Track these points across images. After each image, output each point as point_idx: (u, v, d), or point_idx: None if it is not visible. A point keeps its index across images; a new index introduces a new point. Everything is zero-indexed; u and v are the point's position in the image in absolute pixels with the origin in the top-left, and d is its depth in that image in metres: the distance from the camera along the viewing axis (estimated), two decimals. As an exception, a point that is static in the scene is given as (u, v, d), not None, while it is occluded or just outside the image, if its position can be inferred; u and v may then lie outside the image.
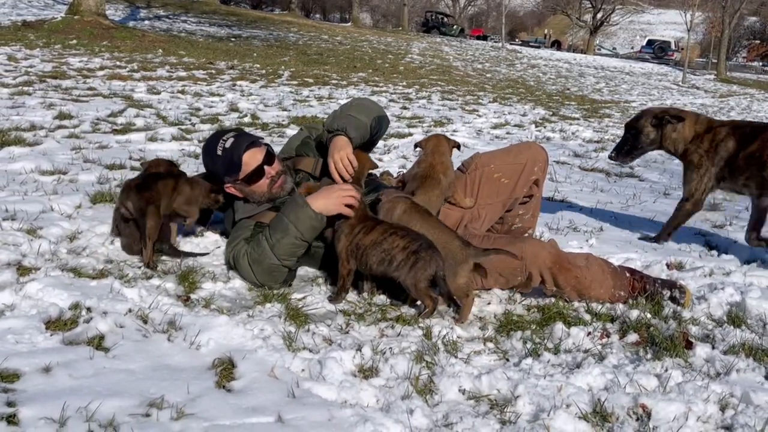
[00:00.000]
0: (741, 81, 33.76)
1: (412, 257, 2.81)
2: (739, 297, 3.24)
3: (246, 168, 3.18)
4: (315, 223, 2.97)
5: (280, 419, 2.03)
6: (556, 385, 2.33)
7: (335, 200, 2.97)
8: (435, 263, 2.80)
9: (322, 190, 3.02)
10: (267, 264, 2.99)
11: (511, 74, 22.10)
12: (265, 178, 3.22)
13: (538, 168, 3.45)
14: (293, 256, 3.02)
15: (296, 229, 2.96)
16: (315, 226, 2.98)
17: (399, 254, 2.83)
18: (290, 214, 2.98)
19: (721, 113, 16.89)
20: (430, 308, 2.86)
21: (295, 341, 2.53)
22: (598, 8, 56.76)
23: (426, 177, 3.27)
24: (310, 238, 3.02)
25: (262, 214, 3.26)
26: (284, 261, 3.00)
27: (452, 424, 2.09)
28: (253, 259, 3.01)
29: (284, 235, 2.96)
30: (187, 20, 25.85)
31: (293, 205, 2.99)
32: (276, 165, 3.27)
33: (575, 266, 3.11)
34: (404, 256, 2.82)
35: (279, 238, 2.97)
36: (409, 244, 2.83)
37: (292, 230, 2.96)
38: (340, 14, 68.82)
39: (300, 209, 2.96)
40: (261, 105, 9.06)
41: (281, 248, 2.97)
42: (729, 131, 4.16)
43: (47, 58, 11.51)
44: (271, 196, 3.26)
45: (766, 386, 2.46)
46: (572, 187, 5.96)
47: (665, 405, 2.22)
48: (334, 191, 2.99)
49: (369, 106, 3.47)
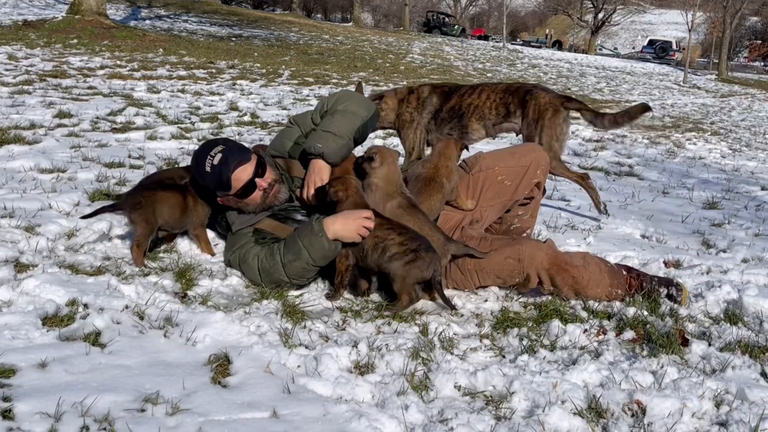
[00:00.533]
0: (742, 81, 33.73)
1: (411, 254, 2.83)
2: (736, 295, 3.25)
3: (236, 184, 3.10)
4: (328, 252, 2.93)
5: (275, 414, 2.04)
6: (552, 382, 2.33)
7: (353, 227, 2.91)
8: (434, 266, 2.83)
9: (342, 215, 2.95)
10: (276, 277, 2.99)
11: (512, 74, 22.09)
12: (257, 190, 3.15)
13: (540, 171, 3.45)
14: (303, 278, 3.02)
15: (309, 255, 2.93)
16: (327, 256, 2.95)
17: (394, 247, 2.85)
18: (304, 238, 2.93)
19: (722, 113, 16.89)
20: (403, 305, 2.87)
21: (292, 338, 2.54)
22: (600, 8, 56.73)
23: (429, 180, 3.27)
24: (322, 265, 2.99)
25: (259, 222, 3.24)
26: (293, 280, 3.01)
27: (447, 420, 2.10)
28: (263, 268, 3.01)
29: (296, 258, 2.94)
30: (188, 20, 25.87)
31: (308, 231, 2.94)
32: (268, 174, 3.18)
33: (573, 266, 3.11)
34: (401, 250, 2.84)
35: (291, 260, 2.94)
36: (407, 242, 2.85)
37: (305, 255, 2.93)
38: (342, 14, 68.85)
39: (315, 237, 2.91)
40: (261, 104, 9.07)
41: (292, 270, 2.96)
42: (431, 89, 4.77)
43: (48, 58, 11.52)
44: (266, 206, 3.21)
45: (761, 383, 2.46)
46: (571, 185, 5.94)
47: (660, 401, 2.22)
48: (354, 218, 2.92)
49: (354, 111, 3.29)
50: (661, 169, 7.36)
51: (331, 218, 2.94)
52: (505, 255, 3.10)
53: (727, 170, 7.90)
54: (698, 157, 8.60)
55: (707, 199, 5.87)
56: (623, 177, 6.76)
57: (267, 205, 3.22)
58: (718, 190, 6.43)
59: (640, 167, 7.30)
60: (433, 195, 3.25)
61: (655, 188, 6.30)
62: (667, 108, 16.31)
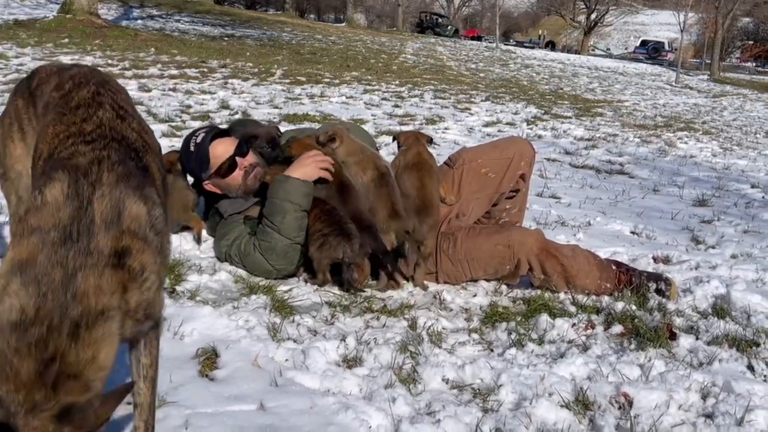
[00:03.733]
0: (734, 81, 33.87)
1: (321, 239, 3.00)
2: (724, 290, 3.26)
3: (216, 161, 3.20)
4: (305, 188, 3.05)
5: (262, 407, 2.04)
6: (539, 375, 2.34)
7: (310, 166, 3.08)
8: (342, 249, 2.98)
9: (294, 163, 3.12)
10: (281, 247, 3.03)
11: (504, 74, 22.11)
12: (238, 169, 3.22)
13: (524, 163, 3.45)
14: (301, 230, 3.06)
15: (291, 203, 3.01)
16: (306, 192, 3.06)
17: (314, 234, 3.05)
18: (279, 193, 3.03)
19: (714, 113, 16.95)
20: (319, 281, 3.08)
21: (280, 332, 2.54)
22: (592, 9, 56.94)
23: (419, 165, 3.26)
24: (308, 205, 3.07)
25: (250, 209, 3.26)
26: (295, 238, 3.05)
27: (435, 412, 2.10)
28: (264, 248, 3.04)
29: (284, 214, 3.01)
30: (181, 20, 25.78)
31: (278, 185, 3.06)
32: (250, 157, 3.27)
33: (562, 255, 3.13)
34: (315, 236, 3.02)
35: (281, 219, 3.01)
36: (323, 228, 3.02)
37: (289, 206, 3.01)
38: (335, 15, 68.83)
39: (286, 184, 3.03)
40: (252, 102, 9.05)
41: (287, 227, 3.01)
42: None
43: (38, 56, 11.46)
44: (247, 188, 3.25)
45: (748, 375, 2.48)
46: (562, 183, 5.97)
47: (647, 393, 2.23)
48: (306, 159, 3.11)
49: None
50: (652, 168, 7.38)
51: (289, 170, 3.10)
52: (495, 242, 3.10)
53: (717, 168, 7.93)
54: (689, 156, 8.63)
55: (697, 197, 5.89)
56: (614, 175, 6.77)
57: (248, 188, 3.25)
58: (709, 188, 6.46)
59: (631, 165, 7.32)
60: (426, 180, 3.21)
61: (645, 186, 6.32)
62: (659, 108, 16.36)
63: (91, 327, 1.36)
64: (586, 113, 12.54)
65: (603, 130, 10.11)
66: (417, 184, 3.15)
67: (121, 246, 1.45)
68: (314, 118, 8.02)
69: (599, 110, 13.50)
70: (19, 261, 1.40)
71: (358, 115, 8.64)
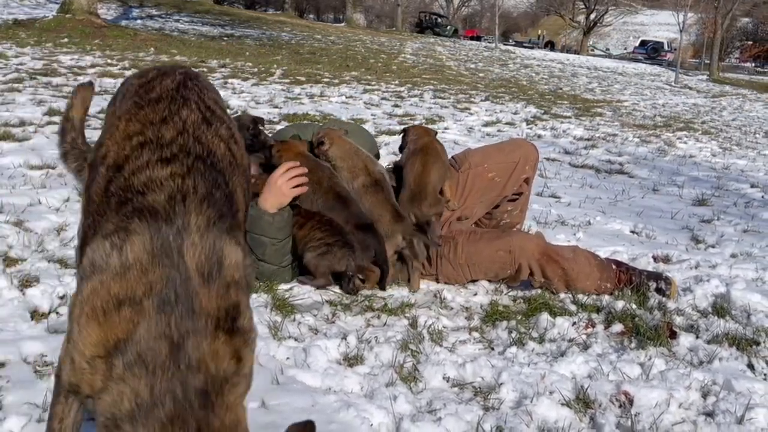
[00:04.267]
0: (733, 81, 33.90)
1: (324, 247, 2.97)
2: (724, 288, 3.27)
3: None
4: (279, 222, 2.95)
5: (263, 405, 2.04)
6: (540, 373, 2.35)
7: (284, 187, 2.92)
8: (346, 261, 2.97)
9: (265, 187, 2.95)
10: (269, 271, 3.02)
11: (503, 74, 22.11)
12: None
13: (529, 167, 3.44)
14: (285, 255, 3.04)
15: (268, 237, 2.96)
16: (281, 225, 2.96)
17: (312, 242, 3.00)
18: (255, 228, 2.93)
19: (714, 113, 16.97)
20: (321, 284, 3.04)
21: (281, 330, 2.54)
22: (592, 9, 56.95)
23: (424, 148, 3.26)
24: (287, 234, 3.01)
25: None
26: (281, 264, 3.03)
27: (435, 410, 2.11)
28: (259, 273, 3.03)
29: (264, 248, 2.97)
30: (180, 20, 25.78)
31: (252, 220, 2.89)
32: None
33: (563, 258, 3.13)
34: (316, 244, 2.98)
35: (262, 252, 2.97)
36: (326, 237, 2.98)
37: (266, 239, 2.96)
38: (334, 15, 68.83)
39: (260, 221, 2.92)
40: (252, 102, 9.05)
41: (270, 257, 2.99)
42: None
43: (38, 56, 11.46)
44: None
45: (748, 374, 2.49)
46: (562, 183, 5.98)
47: (647, 392, 2.24)
48: (274, 181, 2.93)
49: None
50: (652, 167, 7.39)
51: (261, 197, 2.95)
52: (496, 247, 3.11)
53: (717, 168, 7.94)
54: (689, 156, 8.64)
55: (697, 196, 5.90)
56: (614, 175, 6.78)
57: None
58: (708, 188, 6.47)
59: (630, 165, 7.33)
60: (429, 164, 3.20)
61: (645, 186, 6.33)
62: (659, 108, 16.37)
63: (219, 393, 1.18)
64: (585, 113, 12.55)
65: (602, 130, 10.12)
66: (419, 169, 3.16)
67: (228, 304, 1.26)
68: (314, 118, 8.01)
69: (599, 110, 13.51)
70: (115, 342, 1.19)
71: (358, 115, 8.65)
